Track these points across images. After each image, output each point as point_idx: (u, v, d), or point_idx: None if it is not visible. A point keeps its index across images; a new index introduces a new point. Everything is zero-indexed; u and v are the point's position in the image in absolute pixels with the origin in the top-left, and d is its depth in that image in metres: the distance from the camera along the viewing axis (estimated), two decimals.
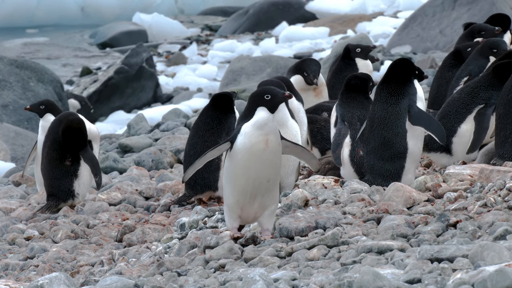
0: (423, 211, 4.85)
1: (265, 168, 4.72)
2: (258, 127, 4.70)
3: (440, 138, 5.52)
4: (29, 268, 5.46)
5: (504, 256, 3.65)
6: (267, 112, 4.72)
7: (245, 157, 4.69)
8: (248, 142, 4.68)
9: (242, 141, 4.69)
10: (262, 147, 4.69)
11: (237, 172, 4.72)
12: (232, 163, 4.73)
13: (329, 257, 4.37)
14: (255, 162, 4.70)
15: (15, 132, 11.61)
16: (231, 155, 4.73)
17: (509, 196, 4.76)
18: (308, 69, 7.81)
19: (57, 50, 23.81)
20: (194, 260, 4.75)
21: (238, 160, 4.70)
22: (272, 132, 4.71)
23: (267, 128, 4.71)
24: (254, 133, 4.69)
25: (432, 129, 5.53)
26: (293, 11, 24.54)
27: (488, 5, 14.11)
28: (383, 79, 5.69)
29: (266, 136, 4.69)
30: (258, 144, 4.69)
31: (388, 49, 16.09)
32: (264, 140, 4.69)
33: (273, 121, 4.73)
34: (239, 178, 4.73)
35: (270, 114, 4.72)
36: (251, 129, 4.70)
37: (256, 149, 4.69)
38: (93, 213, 6.57)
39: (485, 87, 6.10)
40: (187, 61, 21.02)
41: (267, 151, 4.70)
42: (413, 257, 3.98)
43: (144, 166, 8.26)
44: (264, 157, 4.70)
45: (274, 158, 4.73)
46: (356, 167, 6.05)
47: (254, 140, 4.68)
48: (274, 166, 4.75)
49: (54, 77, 14.00)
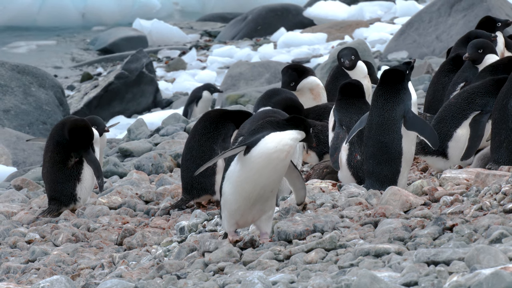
0: (420, 215, 4.89)
1: (273, 178, 4.74)
2: (292, 139, 4.73)
3: (433, 143, 5.58)
4: (30, 271, 5.50)
5: (499, 259, 3.68)
6: (302, 135, 4.80)
7: (262, 162, 4.68)
8: (273, 148, 4.68)
9: (267, 145, 4.69)
10: (282, 156, 4.70)
11: (248, 177, 4.71)
12: (244, 168, 4.72)
13: (327, 260, 4.40)
14: (269, 170, 4.70)
15: (17, 137, 11.65)
16: (245, 159, 4.71)
17: (504, 200, 4.79)
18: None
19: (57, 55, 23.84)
20: (194, 263, 4.79)
21: (254, 164, 4.69)
22: (294, 150, 4.80)
23: (295, 145, 4.79)
24: (284, 142, 4.70)
25: (426, 134, 5.59)
26: (291, 17, 24.59)
27: (484, 11, 14.17)
28: (378, 87, 5.75)
29: (290, 148, 4.72)
30: (282, 152, 4.70)
31: (385, 54, 16.15)
32: (288, 151, 4.71)
33: (298, 145, 4.78)
34: (247, 184, 4.72)
35: (300, 138, 4.80)
36: (283, 138, 4.71)
37: (276, 157, 4.69)
38: (94, 216, 6.61)
39: (482, 94, 6.15)
40: (186, 67, 21.06)
41: (283, 162, 4.71)
42: (410, 260, 4.00)
43: (144, 170, 8.30)
44: (278, 167, 4.72)
45: (283, 172, 4.77)
46: (354, 171, 6.10)
47: (281, 147, 4.69)
48: (280, 178, 4.79)
49: (55, 82, 14.04)
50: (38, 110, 13.63)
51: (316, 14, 24.86)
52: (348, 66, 8.08)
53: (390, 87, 5.67)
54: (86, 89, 17.12)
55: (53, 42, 27.21)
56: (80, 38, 27.50)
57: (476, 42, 6.95)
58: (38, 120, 13.62)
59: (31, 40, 27.40)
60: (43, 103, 13.61)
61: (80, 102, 16.39)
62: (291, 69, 7.99)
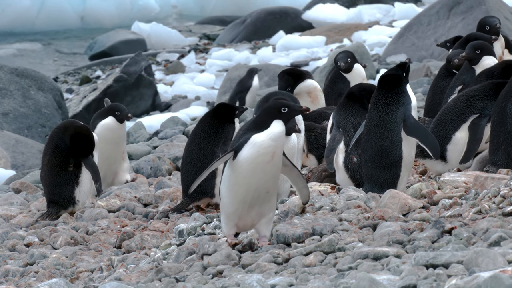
0: (419, 218, 4.89)
1: (266, 179, 4.74)
2: (272, 138, 4.70)
3: (434, 153, 5.54)
4: (29, 274, 5.50)
5: (498, 262, 3.68)
6: (282, 125, 4.74)
7: (249, 167, 4.70)
8: (255, 152, 4.68)
9: (250, 150, 4.69)
10: (267, 159, 4.70)
11: (239, 181, 4.73)
12: (234, 172, 4.74)
13: (326, 263, 4.40)
14: (258, 172, 4.71)
15: (16, 140, 11.65)
16: (234, 164, 4.73)
17: (503, 203, 4.80)
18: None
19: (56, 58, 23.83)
20: (192, 266, 4.79)
21: (241, 169, 4.71)
22: (281, 146, 4.73)
23: (279, 141, 4.73)
24: (265, 144, 4.69)
25: (427, 143, 5.55)
26: (290, 20, 24.60)
27: (483, 14, 14.17)
28: (377, 91, 5.74)
29: (275, 149, 4.71)
30: (265, 155, 4.70)
31: (383, 57, 16.16)
32: (272, 152, 4.70)
33: (284, 135, 4.75)
34: (240, 187, 4.74)
35: (284, 127, 4.74)
36: (264, 140, 4.69)
37: (261, 160, 4.70)
38: (93, 219, 6.61)
39: (481, 97, 6.15)
40: (185, 70, 21.06)
41: (271, 163, 4.71)
42: (408, 263, 4.01)
43: (142, 173, 8.31)
44: (267, 169, 4.72)
45: (275, 171, 4.76)
46: (351, 173, 6.11)
47: (263, 151, 4.69)
48: (274, 178, 4.77)
49: (54, 85, 14.05)
50: (37, 113, 13.63)
51: (315, 17, 24.88)
52: (344, 69, 8.10)
53: (389, 91, 5.66)
54: (85, 92, 17.13)
55: (52, 45, 27.23)
56: (79, 41, 27.52)
57: (475, 43, 6.96)
58: (37, 123, 13.62)
59: (30, 43, 27.41)
60: (42, 106, 13.62)
61: (79, 105, 16.39)
62: (287, 74, 8.00)
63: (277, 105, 4.76)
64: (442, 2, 15.48)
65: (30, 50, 25.54)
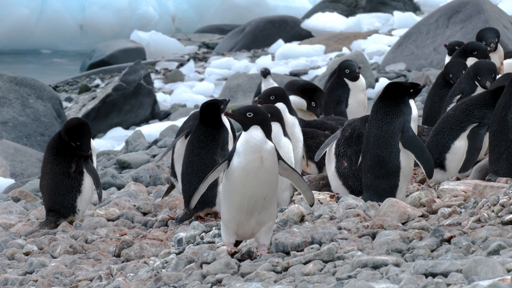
0: (418, 227, 4.90)
1: (261, 186, 4.75)
2: (250, 145, 4.71)
3: (428, 171, 5.53)
4: (28, 283, 5.50)
5: (497, 271, 3.69)
6: (259, 130, 4.75)
7: (240, 175, 4.71)
8: (243, 161, 4.71)
9: (238, 159, 4.72)
10: (257, 165, 4.71)
11: (233, 189, 4.75)
12: (229, 181, 4.76)
13: (325, 272, 4.41)
14: (251, 180, 4.72)
15: (15, 149, 11.66)
16: (228, 172, 4.77)
17: (502, 212, 4.80)
18: (318, 101, 7.85)
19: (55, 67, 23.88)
20: (191, 275, 4.79)
21: (234, 177, 4.73)
22: (265, 150, 4.73)
23: (261, 146, 4.73)
24: (247, 151, 4.72)
25: (423, 160, 5.53)
26: (289, 29, 24.66)
27: (482, 23, 14.22)
28: (378, 100, 5.75)
29: (260, 154, 4.72)
30: (253, 162, 4.71)
31: (382, 66, 16.18)
32: (259, 158, 4.72)
33: (266, 140, 4.75)
34: (234, 195, 4.76)
35: (262, 131, 4.74)
36: (244, 147, 4.72)
37: (251, 167, 4.71)
38: (92, 228, 6.61)
39: (480, 106, 6.17)
40: (184, 78, 21.09)
41: (263, 169, 4.72)
42: (407, 272, 4.01)
43: (142, 182, 8.31)
44: (260, 175, 4.72)
45: (270, 177, 4.75)
46: (344, 179, 6.12)
47: (248, 158, 4.71)
48: (270, 184, 4.77)
49: (53, 94, 14.07)
50: (36, 121, 13.64)
51: (314, 26, 24.93)
52: (352, 76, 8.22)
53: (390, 100, 5.66)
54: (84, 101, 17.15)
55: (51, 54, 27.26)
56: (78, 50, 27.56)
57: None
58: (36, 132, 13.62)
59: (28, 52, 27.44)
60: (41, 115, 13.63)
61: (78, 113, 16.41)
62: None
63: (243, 111, 4.77)
64: (441, 11, 15.51)
65: (29, 58, 25.58)
